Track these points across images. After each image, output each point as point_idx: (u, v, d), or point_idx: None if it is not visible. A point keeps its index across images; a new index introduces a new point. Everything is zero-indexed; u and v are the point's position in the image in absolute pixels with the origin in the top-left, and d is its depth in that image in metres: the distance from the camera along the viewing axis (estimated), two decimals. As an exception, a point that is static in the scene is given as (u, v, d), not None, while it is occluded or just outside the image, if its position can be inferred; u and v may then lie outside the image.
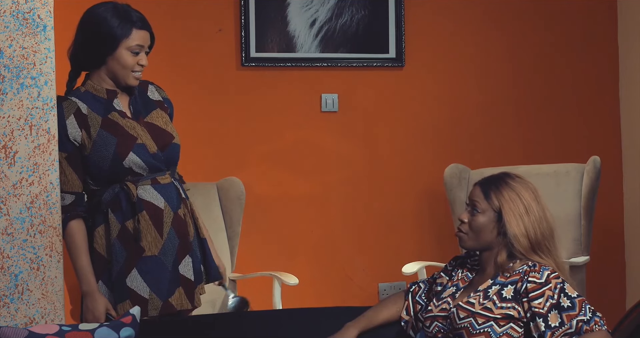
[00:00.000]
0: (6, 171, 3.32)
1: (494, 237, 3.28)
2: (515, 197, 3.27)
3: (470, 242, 3.31)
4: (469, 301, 3.25)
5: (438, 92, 5.61)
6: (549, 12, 5.71)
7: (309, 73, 5.43)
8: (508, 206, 3.26)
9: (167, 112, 3.71)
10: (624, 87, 5.77)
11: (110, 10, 3.54)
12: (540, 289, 3.19)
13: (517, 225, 3.25)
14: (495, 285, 3.25)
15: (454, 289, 3.35)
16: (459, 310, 3.25)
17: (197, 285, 3.64)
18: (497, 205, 3.27)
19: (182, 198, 3.64)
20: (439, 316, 3.31)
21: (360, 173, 5.52)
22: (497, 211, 3.27)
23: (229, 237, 5.06)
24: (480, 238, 3.29)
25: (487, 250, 3.31)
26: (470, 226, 3.30)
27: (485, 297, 3.24)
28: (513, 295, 3.22)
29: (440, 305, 3.33)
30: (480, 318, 3.21)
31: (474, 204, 3.30)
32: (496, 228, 3.27)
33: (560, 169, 5.19)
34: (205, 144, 5.30)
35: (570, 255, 5.03)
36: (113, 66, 3.56)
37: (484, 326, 3.20)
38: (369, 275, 5.52)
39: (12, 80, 3.33)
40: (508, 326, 3.20)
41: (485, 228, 3.28)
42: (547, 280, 3.20)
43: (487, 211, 3.28)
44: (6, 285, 3.31)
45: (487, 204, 3.28)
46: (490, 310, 3.21)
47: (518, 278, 3.23)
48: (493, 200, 3.27)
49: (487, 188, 3.30)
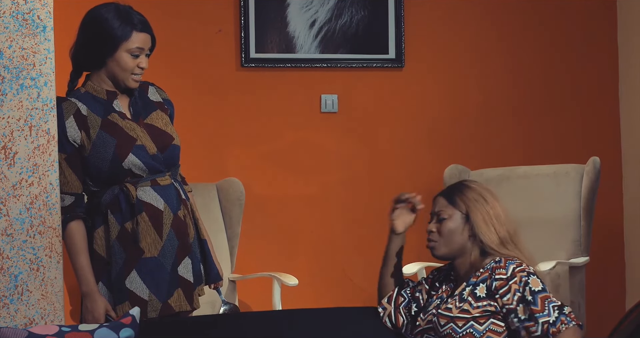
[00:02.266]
0: (6, 172, 3.32)
1: (465, 239, 3.36)
2: (479, 197, 3.37)
3: (443, 249, 3.39)
4: (447, 307, 3.32)
5: (438, 92, 5.61)
6: (548, 13, 5.70)
7: (309, 74, 5.43)
8: (474, 206, 3.36)
9: (167, 113, 3.70)
10: (624, 87, 5.77)
11: (112, 12, 3.53)
12: (507, 285, 3.25)
13: (485, 222, 3.34)
14: (468, 286, 3.31)
15: (439, 301, 3.40)
16: (439, 318, 3.32)
17: (196, 286, 3.64)
18: (463, 207, 3.36)
19: (182, 199, 3.63)
20: (427, 328, 3.37)
21: (360, 174, 5.52)
22: (464, 213, 3.36)
23: (229, 238, 5.06)
24: (453, 242, 3.37)
25: (460, 256, 3.37)
26: (440, 233, 3.38)
27: (460, 299, 3.30)
28: (487, 292, 3.27)
29: (426, 318, 3.38)
30: (460, 321, 3.26)
31: (439, 213, 3.40)
32: (466, 230, 3.36)
33: (559, 170, 5.19)
34: (205, 145, 5.30)
35: (570, 256, 5.03)
36: (113, 68, 3.56)
37: (465, 328, 3.25)
38: (368, 276, 5.49)
39: (11, 81, 3.33)
40: (489, 322, 3.24)
41: (456, 231, 3.36)
42: (513, 274, 3.26)
43: (454, 215, 3.37)
44: (6, 285, 3.31)
45: (453, 209, 3.37)
46: (467, 311, 3.27)
47: (487, 276, 3.29)
48: (459, 204, 3.37)
49: (450, 195, 3.41)
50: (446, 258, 3.42)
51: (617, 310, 5.37)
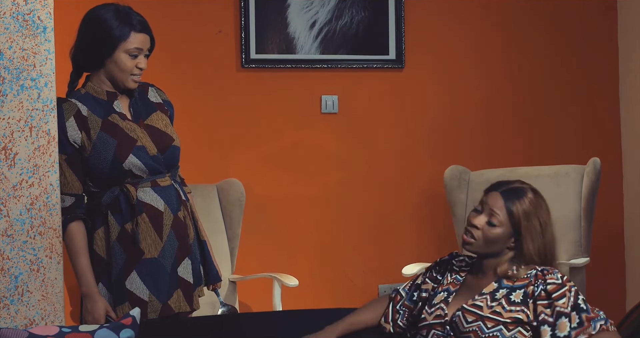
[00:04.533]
0: (6, 173, 3.32)
1: (503, 248, 3.28)
2: (534, 216, 3.26)
3: (476, 249, 3.30)
4: (476, 304, 3.25)
5: (438, 93, 5.61)
6: (548, 13, 5.71)
7: (309, 75, 5.43)
8: (527, 225, 3.25)
9: (167, 114, 3.70)
10: (624, 88, 5.77)
11: (111, 12, 3.53)
12: (561, 289, 3.20)
13: (533, 243, 3.25)
14: (502, 289, 3.25)
15: (445, 294, 3.33)
16: (465, 313, 3.24)
17: (196, 287, 3.64)
18: (516, 222, 3.25)
19: (182, 200, 3.64)
20: (435, 323, 3.29)
21: (360, 175, 5.52)
22: (514, 227, 3.25)
23: (229, 238, 5.06)
24: (491, 248, 3.28)
25: (492, 257, 3.30)
26: (484, 234, 3.27)
27: (492, 299, 3.24)
28: (522, 298, 3.22)
29: (433, 312, 3.32)
30: (490, 321, 3.20)
31: (492, 214, 3.27)
32: (510, 241, 3.27)
33: (560, 171, 5.19)
34: (205, 146, 5.30)
35: (570, 257, 5.03)
36: (111, 68, 3.55)
37: (493, 330, 3.19)
38: (369, 277, 5.52)
39: (12, 82, 3.33)
40: (516, 330, 3.19)
41: (499, 240, 3.27)
42: (564, 282, 3.22)
43: (504, 224, 3.26)
44: (6, 286, 3.31)
45: (506, 218, 3.26)
46: (500, 314, 3.21)
47: (527, 283, 3.23)
48: (514, 216, 3.25)
49: (510, 201, 3.26)
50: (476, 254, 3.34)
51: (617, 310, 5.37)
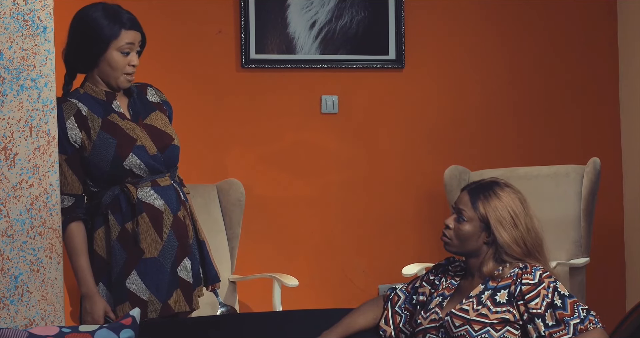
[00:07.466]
0: (6, 173, 3.32)
1: (479, 245, 3.28)
2: (503, 207, 3.25)
3: (455, 248, 3.31)
4: (462, 308, 3.25)
5: (438, 93, 5.61)
6: (548, 14, 5.71)
7: (309, 75, 5.43)
8: (495, 216, 3.25)
9: (166, 114, 3.70)
10: (624, 88, 5.77)
11: (100, 11, 3.52)
12: (535, 290, 3.19)
13: (506, 233, 3.24)
14: (488, 290, 3.25)
15: (440, 298, 3.33)
16: (453, 318, 3.24)
17: (195, 287, 3.64)
18: (483, 215, 3.26)
19: (181, 200, 3.63)
20: (430, 327, 3.29)
21: (360, 175, 5.52)
22: (483, 221, 3.26)
23: (229, 239, 5.06)
24: (466, 245, 3.29)
25: (474, 257, 3.30)
26: (456, 233, 3.29)
27: (478, 302, 3.24)
28: (507, 298, 3.22)
29: (428, 316, 3.31)
30: (476, 324, 3.21)
31: (460, 211, 3.29)
32: (482, 237, 3.27)
33: (560, 171, 5.19)
34: (205, 146, 5.30)
35: (570, 257, 5.03)
36: (104, 68, 3.54)
37: (481, 332, 3.20)
38: (368, 277, 5.52)
39: (12, 82, 3.33)
40: (504, 330, 3.19)
41: (471, 236, 3.27)
42: (540, 279, 3.20)
43: (473, 219, 3.27)
44: (6, 286, 3.31)
45: (473, 213, 3.27)
46: (486, 316, 3.21)
47: (510, 282, 3.23)
48: (480, 209, 3.26)
49: (475, 196, 3.28)
50: (458, 255, 3.35)
51: (617, 311, 5.37)
